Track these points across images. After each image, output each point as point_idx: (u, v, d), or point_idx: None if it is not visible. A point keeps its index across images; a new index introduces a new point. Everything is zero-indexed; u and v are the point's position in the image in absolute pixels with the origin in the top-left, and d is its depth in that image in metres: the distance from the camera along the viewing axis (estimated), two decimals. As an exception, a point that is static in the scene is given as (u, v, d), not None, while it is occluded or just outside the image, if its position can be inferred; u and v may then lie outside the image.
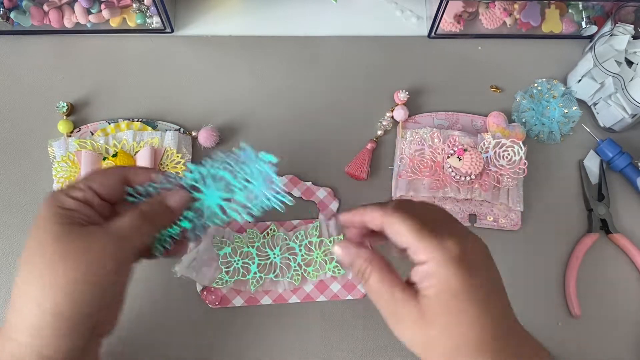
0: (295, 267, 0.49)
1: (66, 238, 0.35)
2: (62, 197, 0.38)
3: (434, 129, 0.54)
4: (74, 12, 0.55)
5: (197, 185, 0.41)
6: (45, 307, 0.34)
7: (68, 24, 0.56)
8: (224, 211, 0.41)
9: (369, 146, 0.55)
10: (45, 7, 0.55)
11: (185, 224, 0.41)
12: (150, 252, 0.41)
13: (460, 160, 0.51)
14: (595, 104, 0.58)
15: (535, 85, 0.58)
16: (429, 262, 0.35)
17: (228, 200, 0.41)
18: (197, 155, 0.55)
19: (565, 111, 0.57)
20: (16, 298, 0.36)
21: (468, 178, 0.51)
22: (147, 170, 0.41)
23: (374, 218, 0.38)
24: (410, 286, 0.36)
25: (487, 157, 0.52)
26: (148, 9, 0.56)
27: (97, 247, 0.35)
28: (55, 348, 0.35)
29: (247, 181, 0.41)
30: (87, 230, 0.36)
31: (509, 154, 0.52)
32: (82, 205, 0.38)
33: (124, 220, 0.37)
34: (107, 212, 0.40)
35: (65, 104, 0.54)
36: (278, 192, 0.41)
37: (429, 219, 0.37)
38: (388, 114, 0.56)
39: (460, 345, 0.34)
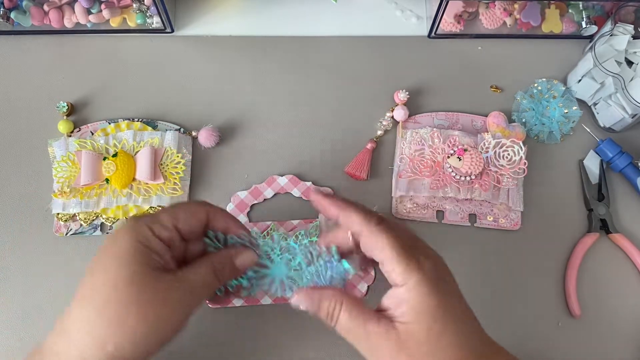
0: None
1: (141, 283, 0.34)
2: (147, 232, 0.36)
3: (434, 129, 0.54)
4: (74, 12, 0.55)
5: (270, 253, 0.42)
6: (106, 348, 0.33)
7: (68, 24, 0.56)
8: (284, 287, 0.42)
9: (369, 146, 0.55)
10: (45, 7, 0.55)
11: (244, 282, 0.42)
12: None
13: (460, 160, 0.51)
14: (595, 104, 0.58)
15: (535, 85, 0.58)
16: (407, 284, 0.35)
17: (291, 279, 0.42)
18: (198, 155, 0.55)
19: (565, 111, 0.57)
20: (71, 327, 0.34)
21: (468, 178, 0.51)
22: (229, 218, 0.41)
23: (354, 222, 0.37)
24: (383, 316, 0.36)
25: (487, 157, 0.52)
26: (148, 9, 0.56)
27: (170, 301, 0.35)
28: None
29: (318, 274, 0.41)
30: (163, 279, 0.35)
31: (509, 154, 0.52)
32: (165, 248, 0.37)
33: (197, 275, 0.37)
34: (181, 252, 0.39)
35: (65, 104, 0.54)
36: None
37: (406, 237, 0.37)
38: (388, 114, 0.56)
39: None
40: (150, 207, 0.52)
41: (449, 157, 0.52)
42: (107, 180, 0.51)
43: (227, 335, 0.50)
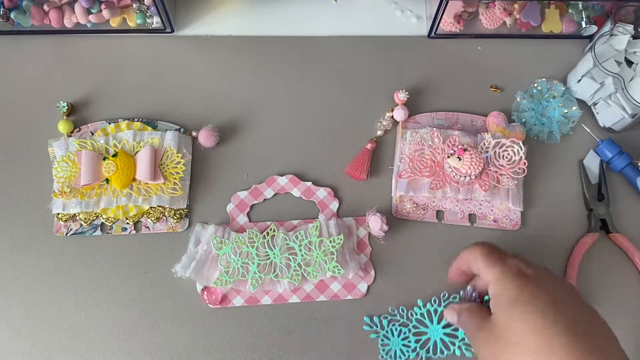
0: (295, 267, 0.49)
1: None
2: None
3: (434, 128, 0.54)
4: (74, 12, 0.55)
5: None
6: None
7: (68, 24, 0.56)
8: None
9: (369, 146, 0.55)
10: (45, 7, 0.55)
11: None
12: None
13: (460, 160, 0.51)
14: (595, 104, 0.58)
15: (535, 85, 0.58)
16: (493, 278, 0.40)
17: None
18: (198, 155, 0.55)
19: (565, 111, 0.57)
20: None
21: (468, 178, 0.51)
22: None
23: (462, 259, 0.44)
24: (488, 311, 0.40)
25: (487, 157, 0.52)
26: (148, 9, 0.56)
27: None
28: None
29: None
30: None
31: (508, 154, 0.52)
32: None
33: None
34: None
35: (65, 104, 0.54)
36: None
37: (492, 246, 0.43)
38: (388, 114, 0.56)
39: (517, 354, 0.36)
40: (150, 207, 0.52)
41: (448, 157, 0.52)
42: (107, 180, 0.51)
43: (227, 335, 0.50)
